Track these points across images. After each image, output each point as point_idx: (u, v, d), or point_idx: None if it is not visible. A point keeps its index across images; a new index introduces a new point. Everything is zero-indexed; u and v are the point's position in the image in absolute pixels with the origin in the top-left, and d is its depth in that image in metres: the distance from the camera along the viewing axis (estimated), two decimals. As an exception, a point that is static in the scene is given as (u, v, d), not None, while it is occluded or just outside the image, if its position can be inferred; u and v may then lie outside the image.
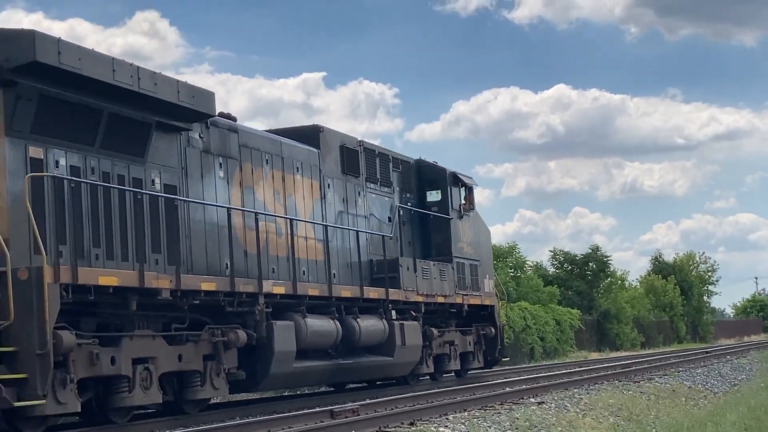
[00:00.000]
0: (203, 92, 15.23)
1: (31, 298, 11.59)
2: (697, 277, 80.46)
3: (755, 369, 30.33)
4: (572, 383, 20.89)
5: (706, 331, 78.53)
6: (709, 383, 23.86)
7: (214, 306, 15.18)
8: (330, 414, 13.96)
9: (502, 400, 16.97)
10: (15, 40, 12.17)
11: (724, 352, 40.50)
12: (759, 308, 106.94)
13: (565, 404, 16.51)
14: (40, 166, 12.59)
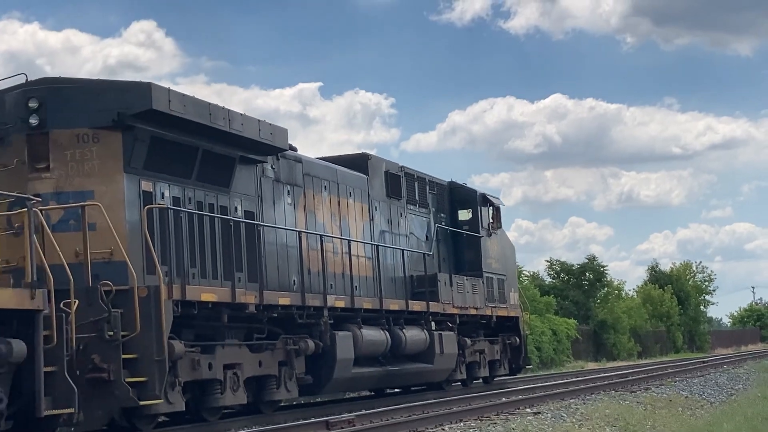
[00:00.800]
0: (279, 129, 17.26)
1: (150, 313, 13.56)
2: (693, 286, 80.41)
3: (752, 379, 30.35)
4: (569, 393, 21.05)
5: (703, 340, 78.44)
6: (705, 393, 23.79)
7: (287, 318, 17.17)
8: (326, 425, 14.02)
9: (498, 410, 17.07)
10: (134, 90, 14.20)
11: (721, 361, 40.63)
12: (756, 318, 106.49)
13: (561, 414, 16.52)
14: (150, 198, 14.59)
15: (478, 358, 25.27)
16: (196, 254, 15.36)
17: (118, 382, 13.06)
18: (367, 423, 14.64)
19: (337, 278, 19.37)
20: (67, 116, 14.06)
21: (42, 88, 14.15)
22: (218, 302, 15.12)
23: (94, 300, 13.11)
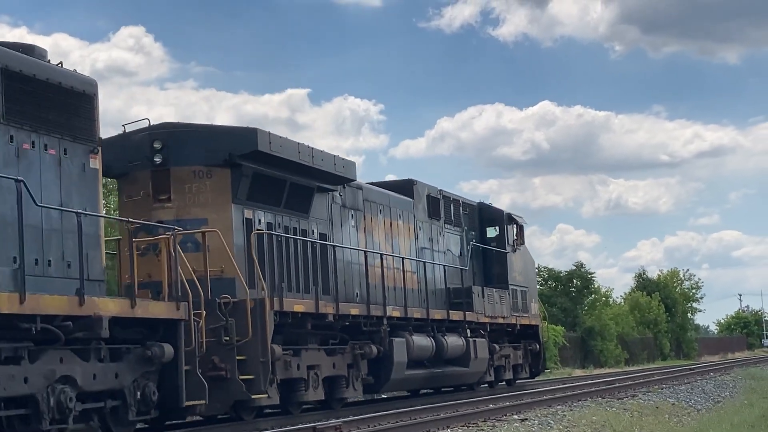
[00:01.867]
0: (349, 162, 19.96)
1: (256, 321, 16.22)
2: (681, 294, 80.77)
3: (738, 386, 30.30)
4: (556, 400, 21.05)
5: (690, 348, 78.57)
6: (692, 400, 23.82)
7: (354, 326, 19.85)
8: (313, 431, 14.15)
9: (485, 416, 17.05)
10: (242, 134, 16.92)
11: (708, 369, 40.68)
12: (743, 325, 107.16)
13: (548, 421, 16.52)
14: (251, 224, 17.27)
15: (504, 363, 27.98)
16: (284, 271, 18.03)
17: (233, 379, 15.73)
18: (354, 429, 14.49)
19: (391, 291, 22.03)
20: (185, 155, 16.74)
21: (164, 132, 16.83)
22: (305, 312, 17.81)
23: (213, 310, 15.77)
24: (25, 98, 12.57)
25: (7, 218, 11.92)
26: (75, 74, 13.69)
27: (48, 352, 12.27)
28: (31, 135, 12.65)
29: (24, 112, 12.53)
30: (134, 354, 13.73)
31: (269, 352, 16.33)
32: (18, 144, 12.43)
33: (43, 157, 12.82)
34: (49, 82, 13.04)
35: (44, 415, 12.18)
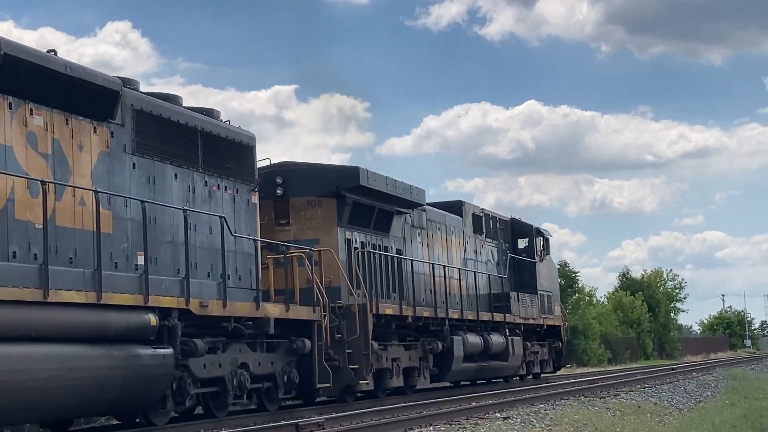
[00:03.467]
0: (420, 190, 24.03)
1: (361, 322, 20.26)
2: (664, 293, 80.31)
3: (720, 386, 30.46)
4: (538, 399, 21.06)
5: (673, 347, 78.12)
6: (674, 400, 23.92)
7: (424, 326, 23.92)
8: (295, 427, 14.01)
9: (468, 414, 16.93)
10: (347, 172, 21.02)
11: (690, 368, 40.86)
12: (725, 326, 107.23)
13: (530, 420, 16.48)
14: (350, 244, 21.32)
15: (533, 358, 32.09)
16: (374, 281, 22.09)
17: (345, 368, 19.75)
18: (336, 426, 14.51)
19: (449, 296, 26.08)
20: (301, 188, 20.79)
21: (285, 170, 20.86)
22: (392, 314, 21.91)
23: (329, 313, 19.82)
24: (214, 152, 16.63)
25: (213, 244, 15.99)
26: (242, 131, 17.76)
27: (233, 345, 16.33)
28: (217, 179, 16.72)
29: (213, 163, 16.59)
30: (284, 347, 17.80)
31: (370, 346, 20.39)
32: (210, 187, 16.50)
33: (224, 195, 16.88)
34: (227, 139, 17.11)
35: (230, 392, 16.24)
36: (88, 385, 12.83)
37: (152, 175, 15.08)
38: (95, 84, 13.85)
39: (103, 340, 13.18)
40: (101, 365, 13.00)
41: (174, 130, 15.68)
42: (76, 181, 13.41)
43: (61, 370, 12.30)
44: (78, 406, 13.23)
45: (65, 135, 13.39)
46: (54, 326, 12.31)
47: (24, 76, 12.55)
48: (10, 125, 12.49)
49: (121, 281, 13.66)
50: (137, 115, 14.81)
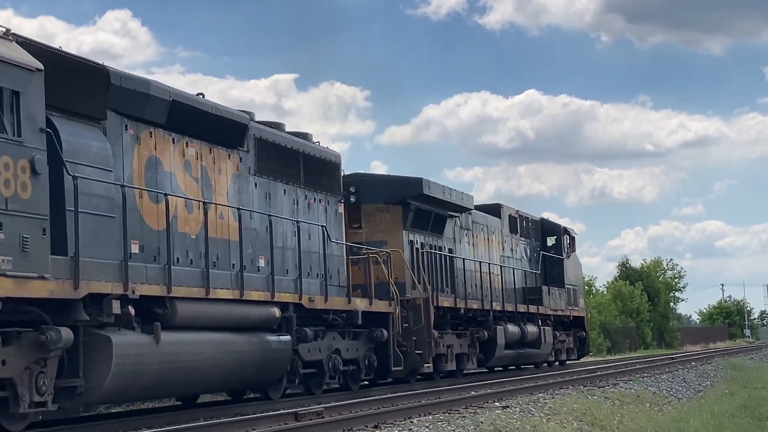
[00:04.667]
0: (469, 196, 27.10)
1: (425, 313, 23.32)
2: (663, 283, 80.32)
3: (720, 376, 30.48)
4: (537, 388, 20.92)
5: (672, 337, 78.01)
6: (673, 389, 24.00)
7: (471, 317, 27.00)
8: (294, 416, 13.91)
9: (467, 403, 16.83)
10: (412, 182, 24.06)
11: (689, 358, 40.93)
12: (725, 315, 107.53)
13: (529, 409, 16.34)
14: (412, 245, 24.37)
15: (561, 346, 35.18)
16: (432, 276, 25.16)
17: (411, 353, 22.81)
18: (335, 415, 14.46)
19: (492, 290, 29.15)
20: (371, 196, 23.81)
21: (357, 180, 23.86)
22: (449, 306, 25.00)
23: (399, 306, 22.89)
24: (311, 170, 19.70)
25: (312, 248, 19.07)
26: (330, 151, 20.83)
27: (329, 333, 19.41)
28: (314, 193, 19.78)
29: (311, 180, 19.66)
30: (365, 335, 20.87)
31: (431, 335, 23.46)
32: (309, 200, 19.57)
33: (319, 207, 19.95)
34: (320, 158, 20.17)
35: (326, 373, 19.31)
36: (235, 365, 15.93)
37: (268, 192, 18.16)
38: (232, 120, 16.94)
39: (244, 329, 16.27)
40: (243, 349, 16.11)
41: (283, 154, 18.75)
42: (217, 199, 16.46)
43: (218, 353, 15.41)
44: (228, 382, 16.38)
45: (209, 162, 16.45)
46: (212, 317, 15.41)
47: (183, 117, 15.60)
48: (173, 156, 15.55)
49: (254, 281, 16.75)
50: (257, 143, 17.88)
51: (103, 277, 13.08)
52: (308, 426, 12.81)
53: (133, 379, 13.54)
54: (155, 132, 15.12)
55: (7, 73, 11.64)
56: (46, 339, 12.05)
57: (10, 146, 11.59)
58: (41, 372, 12.20)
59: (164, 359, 14.03)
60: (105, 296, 13.08)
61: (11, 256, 11.44)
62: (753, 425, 18.15)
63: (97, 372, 12.94)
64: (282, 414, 14.22)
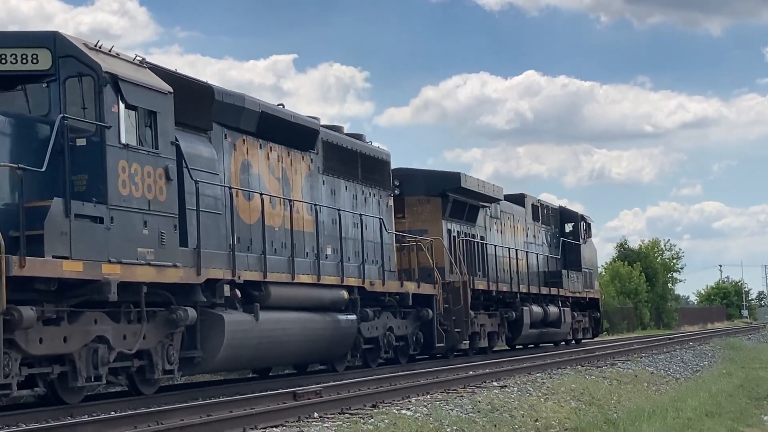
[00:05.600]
0: (499, 188, 29.51)
1: (463, 295, 25.73)
2: (662, 264, 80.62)
3: (717, 356, 30.64)
4: (535, 368, 20.92)
5: (670, 318, 78.14)
6: (671, 369, 24.02)
7: (501, 298, 29.44)
8: (293, 396, 13.91)
9: (464, 383, 16.83)
10: (450, 176, 26.46)
11: (687, 339, 41.25)
12: (722, 296, 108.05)
13: (527, 388, 16.33)
14: (450, 233, 26.79)
15: (578, 326, 37.65)
16: (466, 261, 27.60)
17: (451, 331, 25.24)
18: (333, 394, 14.47)
19: (519, 274, 31.57)
20: (413, 189, 26.20)
21: (401, 174, 26.23)
22: (482, 289, 27.44)
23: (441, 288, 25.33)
24: (367, 168, 22.09)
25: (366, 237, 21.47)
26: (381, 149, 23.23)
27: (384, 313, 21.83)
28: (369, 189, 22.19)
29: (366, 176, 22.05)
30: (413, 315, 23.30)
31: (468, 314, 25.90)
32: (365, 195, 21.97)
33: (373, 201, 22.35)
34: (374, 157, 22.57)
35: (381, 348, 21.75)
36: (312, 341, 18.38)
37: (333, 188, 20.57)
38: (306, 126, 19.35)
39: (319, 309, 18.72)
40: (319, 327, 18.56)
41: (344, 154, 21.14)
42: (293, 196, 18.86)
43: (300, 330, 17.87)
44: (306, 354, 18.86)
45: (287, 163, 18.86)
46: (295, 299, 17.85)
47: (269, 125, 17.99)
48: (261, 159, 17.96)
49: (326, 267, 19.18)
50: (324, 146, 20.27)
51: (216, 265, 15.52)
52: (307, 405, 12.85)
53: (239, 351, 16.00)
54: (247, 139, 17.53)
55: (147, 96, 14.04)
56: (177, 317, 14.51)
57: (151, 157, 14.00)
58: (170, 345, 14.65)
59: (262, 335, 16.48)
60: (218, 281, 15.51)
61: (153, 248, 13.87)
62: (750, 405, 18.35)
63: (211, 345, 15.38)
64: (281, 393, 14.30)
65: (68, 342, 12.74)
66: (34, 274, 11.84)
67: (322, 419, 11.93)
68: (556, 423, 13.69)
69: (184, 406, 12.68)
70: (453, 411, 13.07)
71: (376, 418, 11.90)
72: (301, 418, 11.87)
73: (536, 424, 13.31)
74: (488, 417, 12.98)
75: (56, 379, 12.84)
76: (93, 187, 13.00)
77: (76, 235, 12.47)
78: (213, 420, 11.19)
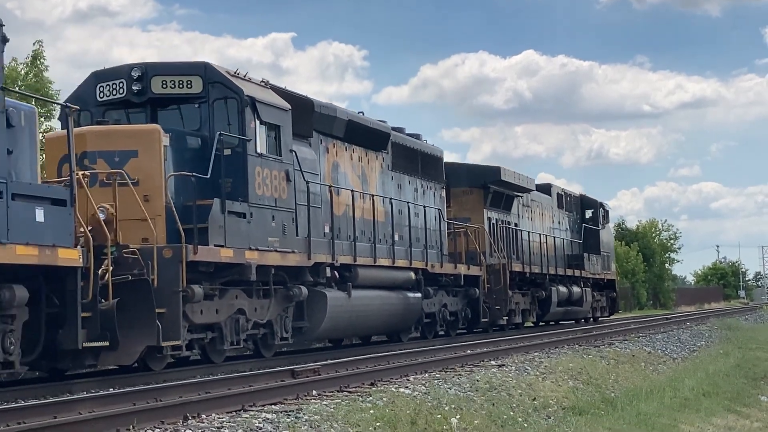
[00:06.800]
0: (531, 179, 32.64)
1: (501, 277, 28.87)
2: (659, 244, 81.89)
3: (714, 336, 30.97)
4: (533, 347, 21.00)
5: (667, 298, 79.23)
6: (668, 349, 24.14)
7: (532, 278, 32.59)
8: (291, 373, 13.91)
9: (462, 362, 16.91)
10: (492, 170, 29.61)
11: (684, 318, 41.66)
12: (719, 276, 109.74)
13: (525, 367, 16.38)
14: (490, 220, 29.91)
15: (597, 305, 40.85)
16: (501, 246, 30.73)
17: (493, 309, 28.39)
18: (332, 372, 14.52)
19: (548, 257, 34.70)
20: (458, 181, 29.28)
21: (448, 168, 29.24)
22: (518, 271, 30.61)
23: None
24: (425, 164, 25.20)
25: (428, 226, 24.60)
26: (436, 147, 26.35)
27: (440, 291, 24.97)
28: (427, 182, 25.29)
29: (425, 172, 25.16)
30: (462, 293, 26.45)
31: (507, 294, 29.06)
32: (424, 188, 25.09)
33: (429, 193, 25.47)
34: (430, 154, 25.68)
35: (437, 323, 24.89)
36: (388, 315, 21.54)
37: (399, 183, 23.67)
38: (381, 131, 22.47)
39: (393, 287, 21.87)
40: (394, 303, 21.72)
41: (408, 153, 24.24)
42: (370, 190, 21.95)
43: (381, 305, 21.02)
44: (383, 326, 22.02)
45: (365, 162, 21.96)
46: (376, 279, 20.99)
47: (353, 131, 21.09)
48: (346, 160, 21.06)
49: (398, 252, 22.31)
50: (393, 146, 23.36)
51: (320, 251, 18.66)
52: (305, 383, 12.84)
53: (336, 322, 19.16)
54: (336, 143, 20.63)
55: (273, 113, 17.16)
56: (292, 293, 17.65)
57: (276, 163, 17.13)
58: (286, 317, 17.80)
59: (353, 309, 19.64)
60: (321, 264, 18.65)
61: (278, 238, 17.02)
62: (747, 385, 18.56)
63: (316, 317, 18.53)
64: (279, 371, 14.34)
65: (219, 313, 15.88)
66: (202, 259, 14.99)
67: (321, 397, 11.94)
68: (553, 402, 13.93)
69: (182, 383, 12.80)
70: (451, 389, 13.10)
71: (375, 396, 11.89)
72: (300, 396, 11.89)
73: (534, 402, 13.50)
74: (486, 395, 13.11)
75: (207, 343, 15.97)
76: (236, 189, 16.12)
77: (228, 228, 15.62)
78: (211, 397, 11.17)
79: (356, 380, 13.56)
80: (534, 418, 12.50)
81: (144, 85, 16.38)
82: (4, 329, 11.70)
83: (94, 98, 16.59)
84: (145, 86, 16.38)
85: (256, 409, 10.65)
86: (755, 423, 14.75)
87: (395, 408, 11.01)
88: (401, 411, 10.82)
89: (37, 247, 11.72)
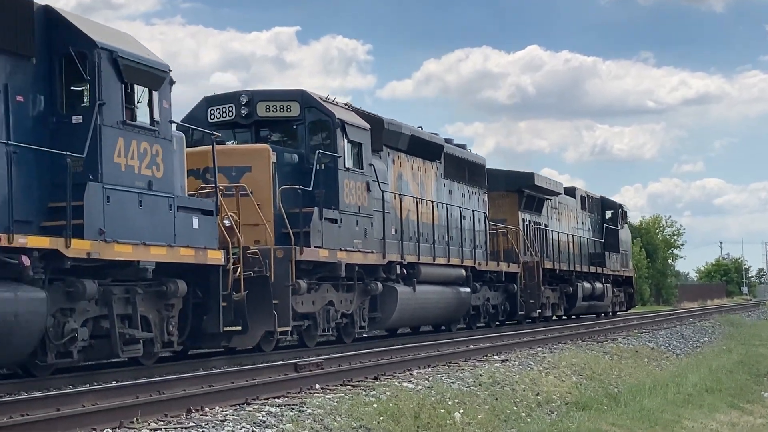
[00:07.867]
0: (560, 183, 35.37)
1: (534, 273, 31.56)
2: (662, 240, 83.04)
3: (717, 332, 31.33)
4: (536, 342, 20.98)
5: (670, 294, 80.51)
6: (671, 345, 24.36)
7: (560, 275, 35.31)
8: (294, 367, 13.96)
9: (466, 357, 16.95)
10: (526, 175, 32.31)
11: (687, 315, 42.42)
12: (723, 273, 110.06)
13: (528, 362, 16.35)
14: (524, 222, 32.62)
15: (616, 300, 43.58)
16: (533, 245, 33.44)
17: (527, 302, 31.10)
18: (335, 366, 14.42)
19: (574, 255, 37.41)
20: (495, 185, 31.93)
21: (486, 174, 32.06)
22: (549, 268, 33.36)
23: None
24: (470, 172, 27.93)
25: (475, 227, 27.33)
26: (480, 156, 29.10)
27: (484, 287, 27.70)
28: (472, 188, 28.02)
29: (470, 178, 27.89)
30: (502, 288, 29.19)
31: (540, 289, 31.78)
32: (470, 193, 27.82)
33: (474, 197, 28.19)
34: (475, 162, 28.42)
35: (481, 315, 27.61)
36: (444, 307, 24.29)
37: (450, 189, 26.41)
38: (436, 143, 25.22)
39: (448, 283, 24.62)
40: (449, 297, 24.48)
41: (456, 161, 26.97)
42: (427, 196, 24.67)
43: (438, 299, 23.78)
44: (440, 318, 24.79)
45: (422, 171, 24.69)
46: (434, 275, 23.74)
47: (414, 144, 23.81)
48: (408, 170, 23.79)
49: (451, 251, 25.06)
50: (445, 156, 26.09)
51: (392, 251, 21.41)
52: (308, 377, 12.85)
53: (404, 314, 21.91)
54: (400, 155, 23.36)
55: (357, 132, 19.91)
56: (370, 288, 20.39)
57: (359, 176, 19.89)
58: (364, 308, 20.55)
59: (417, 302, 22.39)
60: (392, 263, 21.39)
61: (361, 240, 19.78)
62: (750, 381, 18.67)
63: (388, 308, 21.28)
64: (282, 365, 14.43)
65: (314, 304, 18.63)
66: (305, 258, 17.74)
67: (324, 391, 11.94)
68: (557, 397, 14.05)
69: (186, 376, 12.84)
70: (454, 384, 13.12)
71: (378, 390, 11.89)
72: (303, 390, 11.90)
73: (537, 397, 13.57)
74: (489, 390, 13.18)
75: (304, 330, 18.71)
76: (329, 198, 18.85)
77: (325, 232, 18.36)
78: (215, 390, 11.19)
79: (359, 374, 13.56)
80: (537, 413, 12.67)
81: (251, 110, 19.21)
82: (168, 315, 14.45)
83: (205, 119, 19.35)
84: (252, 110, 19.21)
85: (259, 403, 10.71)
86: (758, 419, 14.83)
87: (398, 402, 11.00)
88: (404, 405, 10.84)
89: (194, 249, 14.48)
